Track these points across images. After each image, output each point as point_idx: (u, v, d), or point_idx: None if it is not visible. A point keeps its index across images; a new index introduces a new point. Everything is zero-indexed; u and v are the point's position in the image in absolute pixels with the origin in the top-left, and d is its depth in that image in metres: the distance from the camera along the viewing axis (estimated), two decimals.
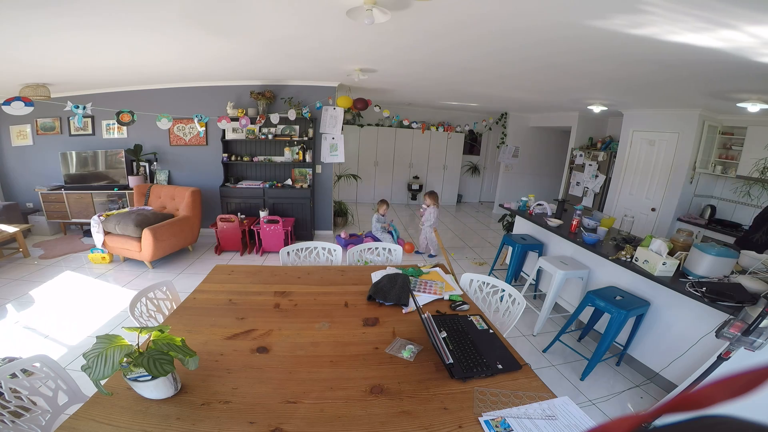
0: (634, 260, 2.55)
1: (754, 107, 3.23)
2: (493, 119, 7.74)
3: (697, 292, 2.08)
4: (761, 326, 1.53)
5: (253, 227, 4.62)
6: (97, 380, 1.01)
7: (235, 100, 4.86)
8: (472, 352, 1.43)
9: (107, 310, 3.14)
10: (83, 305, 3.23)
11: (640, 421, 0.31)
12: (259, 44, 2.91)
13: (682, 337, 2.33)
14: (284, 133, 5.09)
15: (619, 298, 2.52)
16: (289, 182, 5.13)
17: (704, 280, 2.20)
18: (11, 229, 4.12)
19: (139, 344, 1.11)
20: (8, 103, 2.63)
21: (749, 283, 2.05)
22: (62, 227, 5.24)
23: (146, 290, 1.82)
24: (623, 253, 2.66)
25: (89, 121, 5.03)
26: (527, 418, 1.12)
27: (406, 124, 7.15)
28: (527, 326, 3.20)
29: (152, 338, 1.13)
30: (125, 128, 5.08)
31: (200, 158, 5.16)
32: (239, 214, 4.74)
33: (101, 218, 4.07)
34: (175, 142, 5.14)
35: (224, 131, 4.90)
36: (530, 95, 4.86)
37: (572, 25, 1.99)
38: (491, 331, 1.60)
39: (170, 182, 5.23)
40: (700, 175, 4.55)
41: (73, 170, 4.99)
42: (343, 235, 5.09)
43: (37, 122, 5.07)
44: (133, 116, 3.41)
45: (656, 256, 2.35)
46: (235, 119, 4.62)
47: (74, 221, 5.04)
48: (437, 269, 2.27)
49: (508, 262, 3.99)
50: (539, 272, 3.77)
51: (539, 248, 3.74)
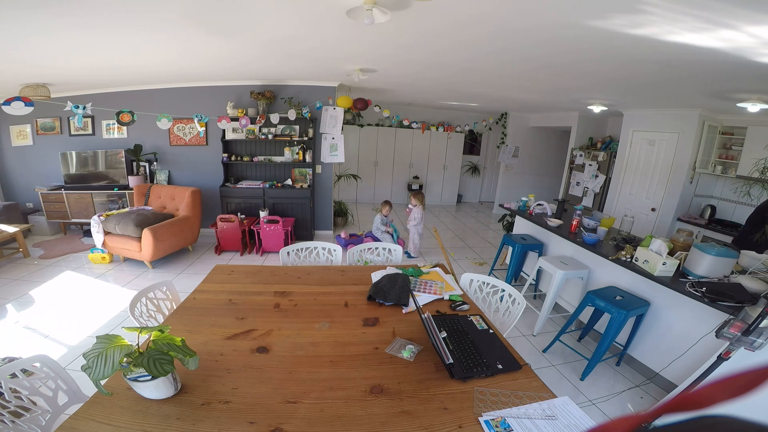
0: (634, 260, 2.55)
1: (754, 107, 3.23)
2: (493, 119, 7.74)
3: (697, 292, 2.08)
4: (761, 326, 1.53)
5: (253, 227, 4.62)
6: (97, 380, 1.01)
7: (235, 100, 4.86)
8: (472, 352, 1.43)
9: (107, 310, 3.14)
10: (83, 305, 3.23)
11: (640, 421, 0.31)
12: (259, 44, 2.91)
13: (682, 337, 2.33)
14: (284, 133, 5.09)
15: (619, 298, 2.53)
16: (289, 182, 5.13)
17: (704, 280, 2.20)
18: (11, 229, 4.12)
19: (139, 344, 1.11)
20: (8, 103, 2.63)
21: (749, 283, 2.05)
22: (62, 227, 5.24)
23: (146, 290, 1.82)
24: (623, 253, 2.66)
25: (89, 121, 5.03)
26: (527, 418, 1.12)
27: (406, 124, 7.16)
28: (527, 326, 3.20)
29: (152, 338, 1.13)
30: (125, 128, 5.08)
31: (200, 158, 5.16)
32: (239, 214, 4.74)
33: (101, 218, 4.07)
34: (175, 142, 5.14)
35: (224, 131, 4.91)
36: (530, 95, 4.86)
37: (572, 25, 1.99)
38: (491, 331, 1.60)
39: (170, 182, 5.23)
40: (700, 175, 4.55)
41: (73, 170, 4.99)
42: (343, 235, 5.08)
43: (37, 122, 5.07)
44: (133, 116, 3.41)
45: (656, 256, 2.35)
46: (235, 119, 4.62)
47: (74, 221, 5.04)
48: (437, 269, 2.27)
49: (508, 262, 3.99)
50: (539, 272, 3.77)
51: (539, 248, 3.74)
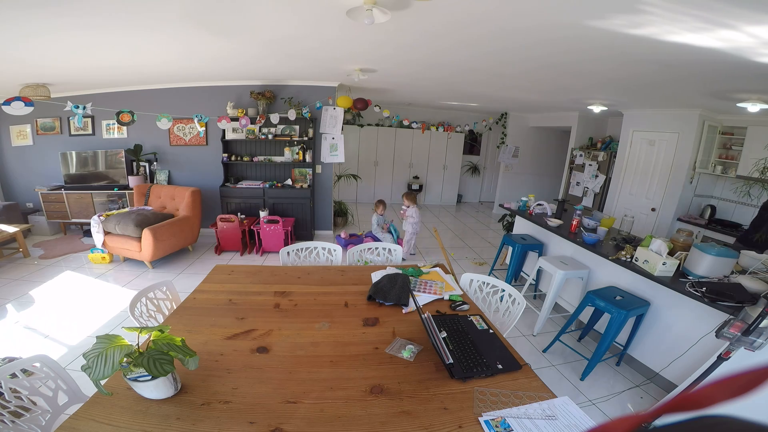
0: (634, 260, 2.55)
1: (754, 107, 3.23)
2: (493, 119, 7.74)
3: (697, 292, 2.08)
4: (761, 326, 1.53)
5: (253, 227, 4.62)
6: (97, 380, 1.01)
7: (235, 100, 4.86)
8: (472, 352, 1.43)
9: (107, 310, 3.14)
10: (83, 305, 3.23)
11: (640, 421, 0.31)
12: (259, 44, 2.91)
13: (682, 337, 2.33)
14: (284, 133, 5.09)
15: (619, 298, 2.52)
16: (289, 182, 5.13)
17: (704, 280, 2.20)
18: (11, 229, 4.12)
19: (139, 344, 1.11)
20: (8, 103, 2.63)
21: (749, 283, 2.05)
22: (62, 227, 5.24)
23: (146, 290, 1.82)
24: (623, 253, 2.66)
25: (89, 121, 5.03)
26: (527, 418, 1.12)
27: (406, 124, 7.16)
28: (527, 326, 3.20)
29: (152, 338, 1.13)
30: (125, 128, 5.08)
31: (200, 158, 5.16)
32: (239, 214, 4.74)
33: (101, 218, 4.07)
34: (175, 142, 5.14)
35: (224, 131, 4.90)
36: (530, 95, 4.86)
37: (572, 25, 1.99)
38: (491, 331, 1.60)
39: (170, 182, 5.23)
40: (700, 175, 4.55)
41: (73, 170, 4.98)
42: (343, 235, 5.08)
43: (37, 122, 5.07)
44: (133, 116, 3.41)
45: (656, 256, 2.35)
46: (235, 119, 4.62)
47: (74, 221, 5.04)
48: (437, 269, 2.27)
49: (508, 262, 3.99)
50: (539, 272, 3.77)
51: (539, 248, 3.74)
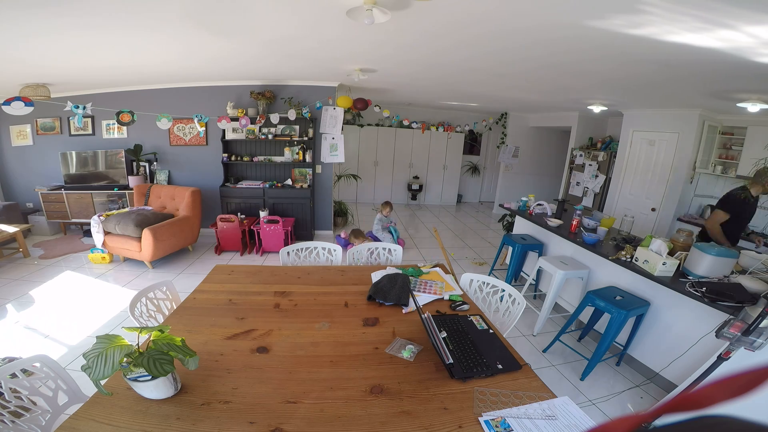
0: (634, 260, 2.55)
1: (754, 107, 3.23)
2: (493, 119, 7.74)
3: (697, 292, 2.08)
4: (761, 326, 1.53)
5: (253, 227, 4.62)
6: (97, 380, 1.01)
7: (235, 100, 4.86)
8: (472, 352, 1.43)
9: (107, 310, 3.14)
10: (83, 305, 3.23)
11: (640, 421, 0.31)
12: (258, 44, 2.91)
13: (682, 337, 2.33)
14: (284, 133, 5.09)
15: (619, 298, 2.52)
16: (289, 182, 5.13)
17: (704, 280, 2.20)
18: (11, 229, 4.12)
19: (139, 344, 1.11)
20: (8, 103, 2.63)
21: (749, 283, 2.05)
22: (62, 227, 5.24)
23: (146, 290, 1.81)
24: (623, 253, 2.66)
25: (89, 121, 5.03)
26: (527, 418, 1.12)
27: (406, 124, 7.15)
28: (527, 326, 3.20)
29: (152, 338, 1.13)
30: (125, 128, 5.08)
31: (200, 158, 5.16)
32: (239, 214, 4.74)
33: (101, 218, 4.07)
34: (175, 142, 5.14)
35: (224, 131, 4.90)
36: (530, 95, 4.86)
37: (571, 25, 1.99)
38: (491, 331, 1.60)
39: (170, 182, 5.23)
40: (700, 175, 4.55)
41: (73, 170, 4.98)
42: (342, 234, 5.09)
43: (37, 122, 5.07)
44: (133, 116, 3.41)
45: (656, 256, 2.35)
46: (235, 119, 4.62)
47: (74, 221, 5.03)
48: (437, 269, 2.27)
49: (508, 262, 3.99)
50: (539, 272, 3.77)
51: (539, 248, 3.74)
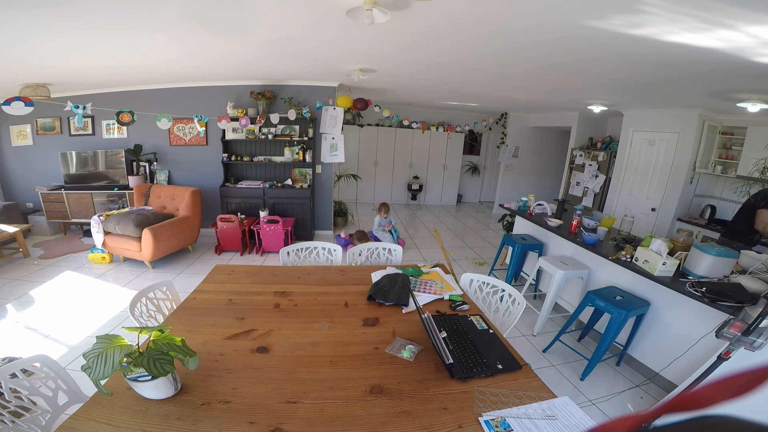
0: (634, 260, 2.55)
1: (754, 107, 3.23)
2: (493, 119, 7.74)
3: (697, 292, 2.08)
4: (761, 326, 1.53)
5: (253, 227, 4.61)
6: (97, 380, 1.01)
7: (235, 100, 4.86)
8: (472, 352, 1.43)
9: (107, 310, 3.14)
10: (83, 305, 3.23)
11: (640, 421, 0.31)
12: (258, 44, 2.91)
13: (682, 337, 2.33)
14: (284, 133, 5.09)
15: (619, 298, 2.52)
16: (289, 182, 5.13)
17: (704, 280, 2.19)
18: (11, 229, 4.12)
19: (139, 344, 1.11)
20: (8, 103, 2.63)
21: (749, 283, 2.05)
22: (62, 227, 5.24)
23: (146, 290, 1.81)
24: (623, 253, 2.66)
25: (89, 121, 5.03)
26: (527, 418, 1.12)
27: (406, 124, 7.15)
28: (527, 326, 3.20)
29: (152, 338, 1.13)
30: (125, 128, 5.07)
31: (200, 158, 5.16)
32: (239, 214, 4.74)
33: (101, 218, 4.07)
34: (175, 142, 5.13)
35: (224, 131, 4.90)
36: (530, 95, 4.86)
37: (571, 25, 1.99)
38: (491, 331, 1.60)
39: (170, 182, 5.23)
40: (700, 175, 4.55)
41: (73, 170, 4.98)
42: (343, 234, 5.10)
43: (37, 122, 5.07)
44: (133, 116, 3.40)
45: (656, 256, 2.35)
46: (235, 119, 4.62)
47: (74, 221, 5.03)
48: (437, 269, 2.27)
49: (508, 262, 3.99)
50: (539, 272, 3.77)
51: (539, 248, 3.74)
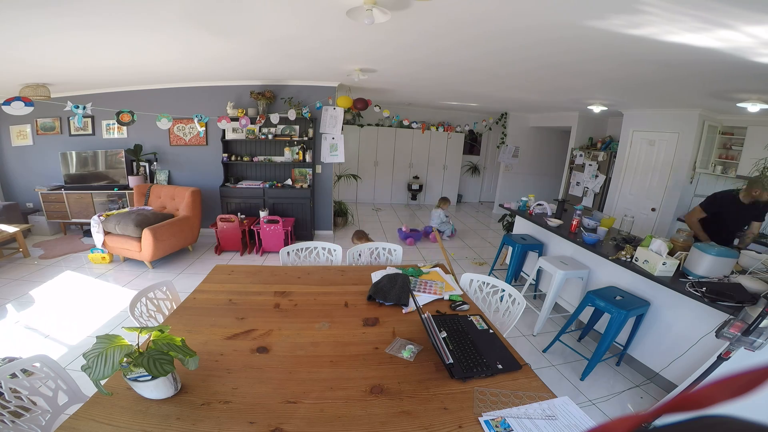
0: (634, 260, 2.55)
1: (754, 107, 3.23)
2: (493, 119, 7.73)
3: (697, 292, 2.08)
4: (761, 326, 1.53)
5: (253, 227, 4.61)
6: (97, 380, 1.01)
7: (235, 100, 4.86)
8: (472, 352, 1.43)
9: (107, 310, 3.14)
10: (83, 305, 3.23)
11: (640, 421, 0.31)
12: (258, 44, 2.91)
13: (682, 337, 2.33)
14: (284, 133, 5.09)
15: (619, 298, 2.52)
16: (289, 182, 5.13)
17: (704, 280, 2.20)
18: (11, 229, 4.12)
19: (139, 344, 1.11)
20: (8, 103, 2.63)
21: (749, 283, 2.05)
22: (62, 227, 5.24)
23: (146, 290, 1.81)
24: (623, 253, 2.66)
25: (89, 121, 5.03)
26: (527, 418, 1.12)
27: (406, 124, 7.15)
28: (527, 326, 3.20)
29: (152, 338, 1.13)
30: (125, 128, 5.07)
31: (200, 158, 5.15)
32: (239, 214, 4.74)
33: (101, 218, 4.07)
34: (175, 142, 5.13)
35: (224, 131, 4.90)
36: (530, 95, 4.86)
37: (571, 25, 1.99)
38: (491, 331, 1.60)
39: (170, 182, 5.23)
40: (700, 175, 4.55)
41: (73, 170, 4.98)
42: (404, 228, 5.45)
43: (37, 122, 5.07)
44: (133, 116, 3.40)
45: (656, 256, 2.35)
46: (235, 119, 4.62)
47: (74, 221, 5.03)
48: (437, 269, 2.27)
49: (508, 262, 3.99)
50: (539, 272, 3.77)
51: (539, 248, 3.74)
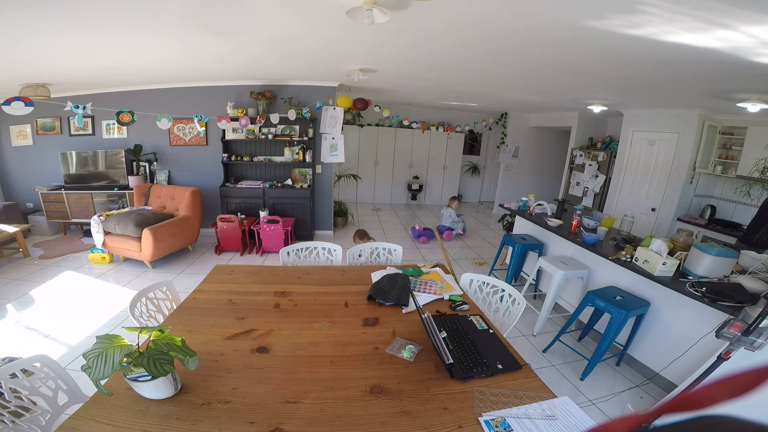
0: (634, 260, 2.54)
1: (754, 107, 3.22)
2: (493, 119, 7.73)
3: (697, 292, 2.08)
4: (761, 326, 1.53)
5: (253, 227, 4.61)
6: (97, 380, 1.01)
7: (235, 100, 4.86)
8: (472, 352, 1.43)
9: (107, 310, 3.14)
10: (83, 305, 3.23)
11: (640, 421, 0.31)
12: (259, 44, 2.90)
13: (682, 337, 2.33)
14: (284, 133, 5.09)
15: (619, 298, 2.52)
16: (289, 182, 5.13)
17: (704, 280, 2.19)
18: (11, 229, 4.12)
19: (139, 344, 1.11)
20: (8, 103, 2.63)
21: (749, 283, 2.05)
22: (62, 227, 5.24)
23: (146, 290, 1.81)
24: (623, 253, 2.66)
25: (89, 121, 5.03)
26: (527, 418, 1.12)
27: (406, 124, 7.15)
28: (527, 326, 3.20)
29: (152, 338, 1.13)
30: (125, 128, 5.07)
31: (200, 158, 5.15)
32: (239, 214, 4.74)
33: (101, 218, 4.07)
34: (175, 142, 5.13)
35: (224, 131, 4.90)
36: (530, 95, 4.85)
37: (571, 25, 1.99)
38: (491, 331, 1.60)
39: (170, 182, 5.23)
40: (700, 175, 4.55)
41: (73, 170, 4.98)
42: (417, 227, 5.61)
43: (37, 122, 5.07)
44: (133, 116, 3.40)
45: (656, 256, 2.35)
46: (235, 119, 4.62)
47: (74, 221, 5.03)
48: (437, 269, 2.27)
49: (508, 262, 3.99)
50: (539, 272, 3.77)
51: (539, 248, 3.74)
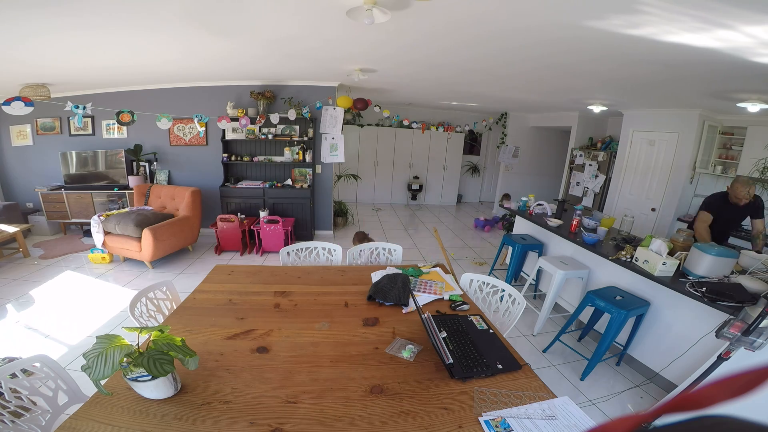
0: (634, 260, 2.55)
1: (754, 107, 3.23)
2: (493, 119, 7.73)
3: (697, 292, 2.08)
4: (761, 326, 1.53)
5: (253, 227, 4.61)
6: (97, 380, 1.01)
7: (235, 100, 4.86)
8: (472, 352, 1.43)
9: (107, 310, 3.14)
10: (83, 305, 3.23)
11: (640, 421, 0.31)
12: (259, 44, 2.91)
13: (682, 337, 2.33)
14: (284, 133, 5.09)
15: (619, 298, 2.52)
16: (289, 182, 5.13)
17: (704, 280, 2.19)
18: (11, 229, 4.12)
19: (139, 344, 1.11)
20: (8, 103, 2.63)
21: (749, 283, 2.05)
22: (62, 227, 5.24)
23: (146, 290, 1.81)
24: (623, 253, 2.66)
25: (89, 121, 5.03)
26: (527, 418, 1.12)
27: (406, 124, 7.15)
28: (527, 326, 3.20)
29: (152, 338, 1.13)
30: (125, 128, 5.07)
31: (200, 158, 5.16)
32: (239, 214, 4.74)
33: (101, 218, 4.07)
34: (175, 142, 5.13)
35: (224, 131, 4.90)
36: (530, 95, 4.86)
37: (571, 25, 1.99)
38: (491, 331, 1.60)
39: (170, 182, 5.23)
40: (700, 175, 4.55)
41: (73, 170, 4.98)
42: (482, 218, 6.41)
43: (37, 122, 5.07)
44: (133, 116, 3.40)
45: (656, 256, 2.35)
46: (235, 119, 4.62)
47: (74, 221, 5.03)
48: (437, 269, 2.27)
49: (508, 262, 3.99)
50: (539, 272, 3.77)
51: (539, 248, 3.74)
